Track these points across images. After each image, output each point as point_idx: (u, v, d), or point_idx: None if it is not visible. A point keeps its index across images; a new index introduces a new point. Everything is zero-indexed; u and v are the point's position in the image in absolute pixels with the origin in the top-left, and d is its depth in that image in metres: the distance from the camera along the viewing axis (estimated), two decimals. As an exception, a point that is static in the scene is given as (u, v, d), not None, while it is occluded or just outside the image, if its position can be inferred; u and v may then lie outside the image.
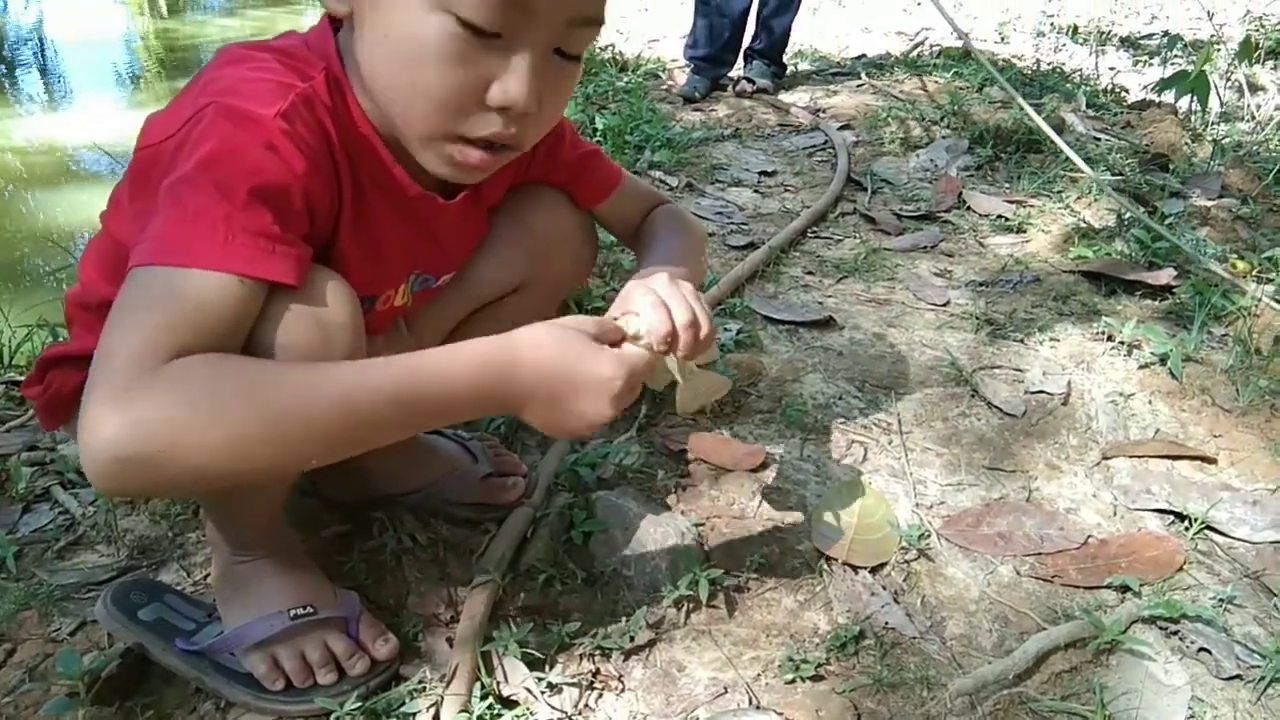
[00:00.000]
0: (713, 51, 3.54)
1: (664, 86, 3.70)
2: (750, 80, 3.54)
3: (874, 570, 1.20)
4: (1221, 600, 1.18)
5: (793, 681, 1.04)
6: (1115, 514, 1.34)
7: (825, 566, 1.20)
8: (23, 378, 1.60)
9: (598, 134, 2.82)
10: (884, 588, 1.17)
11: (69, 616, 1.09)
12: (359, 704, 0.95)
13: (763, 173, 2.78)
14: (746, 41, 3.64)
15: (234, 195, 0.73)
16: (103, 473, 0.67)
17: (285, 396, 0.71)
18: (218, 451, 0.69)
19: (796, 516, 1.28)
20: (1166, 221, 2.31)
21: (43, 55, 5.97)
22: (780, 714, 0.98)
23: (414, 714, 0.95)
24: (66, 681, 0.93)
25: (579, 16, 0.78)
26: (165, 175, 0.75)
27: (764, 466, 1.38)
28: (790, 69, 3.99)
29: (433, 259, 1.03)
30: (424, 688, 0.99)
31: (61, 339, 1.72)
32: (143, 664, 1.00)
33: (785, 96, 3.55)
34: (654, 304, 0.88)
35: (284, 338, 0.78)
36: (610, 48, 3.96)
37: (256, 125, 0.75)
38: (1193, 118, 3.27)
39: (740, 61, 3.65)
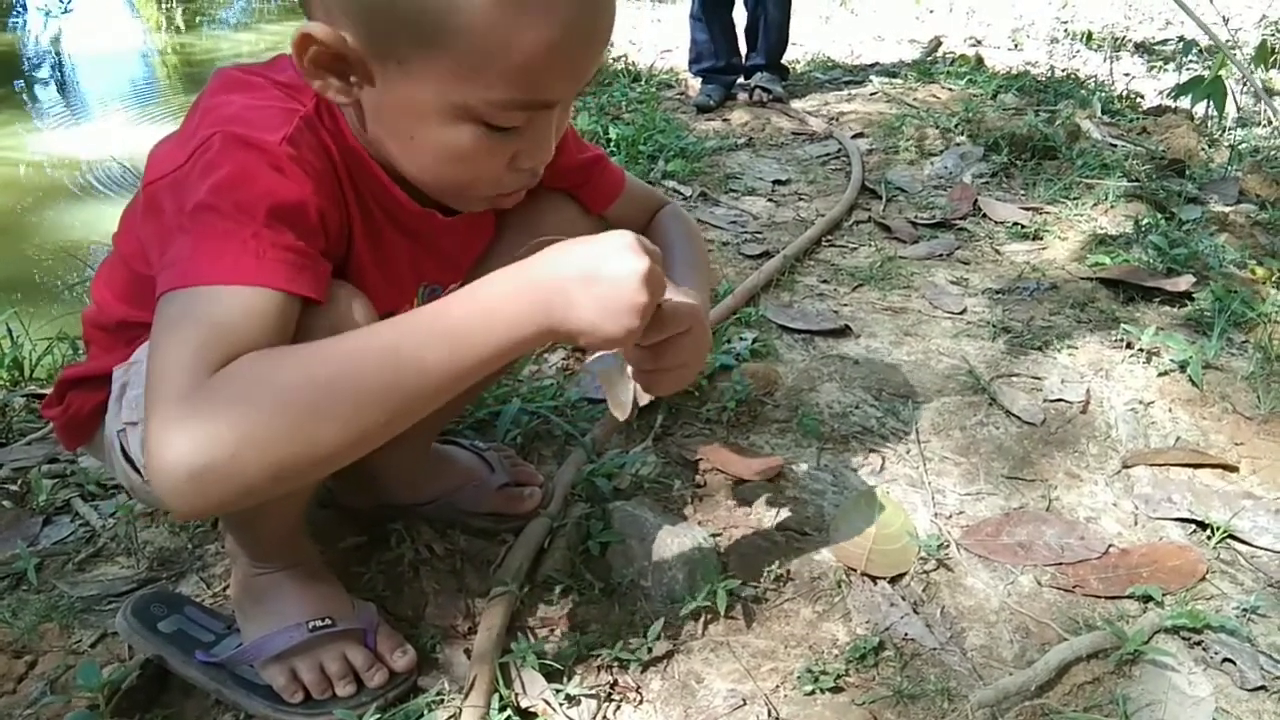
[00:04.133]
0: (717, 63, 3.56)
1: (677, 96, 3.71)
2: (765, 90, 3.54)
3: (893, 581, 1.19)
4: (1245, 610, 1.17)
5: (812, 693, 1.03)
6: (1136, 523, 1.33)
7: (844, 577, 1.19)
8: (43, 391, 1.62)
9: (611, 144, 2.83)
10: (903, 598, 1.17)
11: (90, 628, 1.10)
12: (377, 716, 0.95)
13: (777, 181, 2.78)
14: (744, 53, 3.65)
15: (256, 215, 0.74)
16: (181, 495, 0.67)
17: (334, 364, 0.71)
18: (286, 441, 0.68)
19: (814, 527, 1.28)
20: (1184, 227, 2.30)
21: (61, 70, 6.03)
22: (800, 726, 0.97)
23: (433, 726, 0.95)
24: (87, 693, 0.94)
25: (586, 86, 0.84)
26: (179, 203, 0.76)
27: (781, 476, 1.38)
28: (804, 78, 3.99)
29: (437, 270, 1.03)
30: (442, 699, 0.99)
31: (81, 354, 1.73)
32: (162, 676, 1.00)
33: (798, 105, 3.55)
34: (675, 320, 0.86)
35: None
36: (623, 58, 3.98)
37: (264, 151, 0.76)
38: (1209, 123, 3.25)
39: (742, 78, 3.67)
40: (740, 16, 3.60)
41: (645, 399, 0.93)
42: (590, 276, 0.73)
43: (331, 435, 0.70)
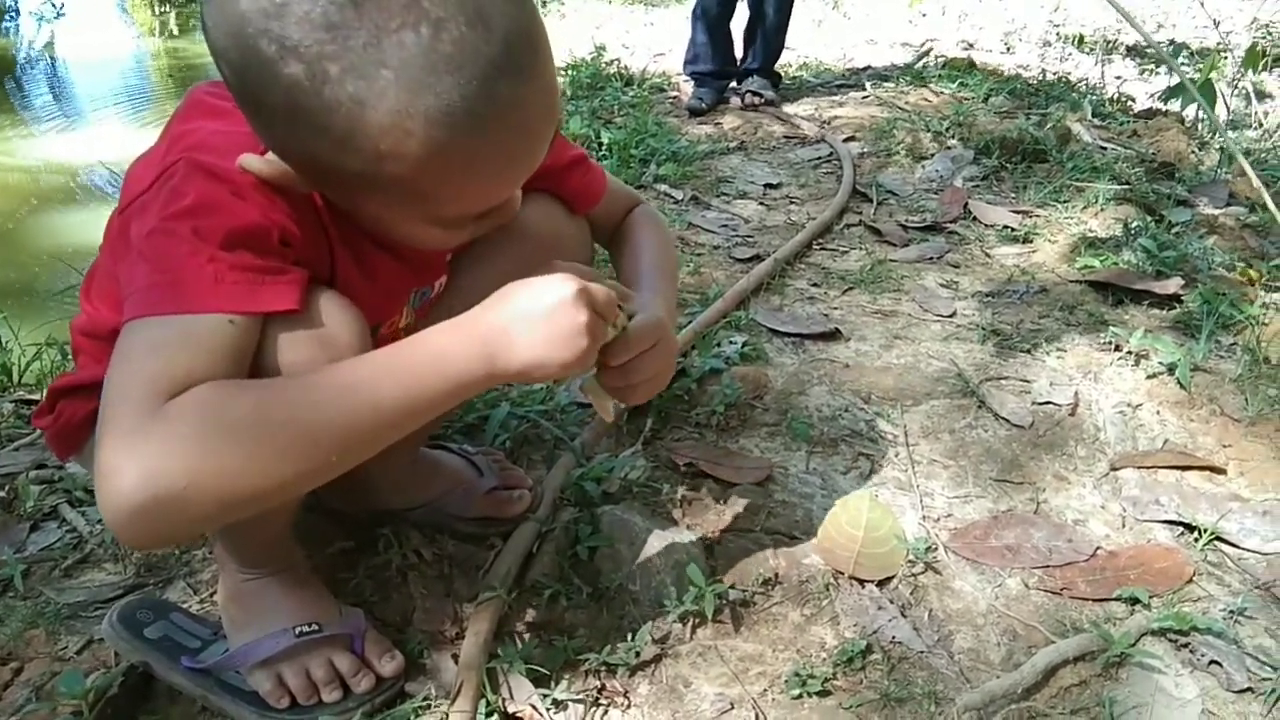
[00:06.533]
0: (716, 66, 3.56)
1: (669, 100, 3.72)
2: (757, 94, 3.55)
3: (881, 584, 1.19)
4: (1232, 612, 1.17)
5: (799, 697, 1.03)
6: (1124, 525, 1.33)
7: (832, 580, 1.19)
8: (32, 397, 1.62)
9: (603, 148, 2.83)
10: (891, 601, 1.17)
11: (76, 635, 1.09)
12: (364, 721, 0.95)
13: (768, 185, 2.78)
14: (740, 56, 3.66)
15: (212, 239, 0.74)
16: (129, 526, 0.67)
17: (289, 401, 0.72)
18: (236, 475, 0.69)
19: (802, 530, 1.28)
20: (1174, 230, 2.30)
21: (53, 74, 6.02)
22: (787, 730, 0.97)
23: (419, 731, 0.95)
24: (71, 701, 0.93)
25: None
26: (140, 229, 0.76)
27: (769, 480, 1.38)
28: (795, 81, 4.00)
29: (425, 274, 1.03)
30: (429, 705, 0.99)
31: (69, 362, 1.73)
32: (147, 682, 1.00)
33: (790, 108, 3.56)
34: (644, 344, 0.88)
35: (290, 360, 0.78)
36: (616, 62, 3.98)
37: (226, 180, 0.77)
38: (1199, 126, 3.26)
39: (735, 82, 3.67)
40: (739, 19, 3.60)
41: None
42: (526, 313, 0.77)
43: (283, 471, 0.71)
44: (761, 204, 2.63)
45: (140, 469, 0.66)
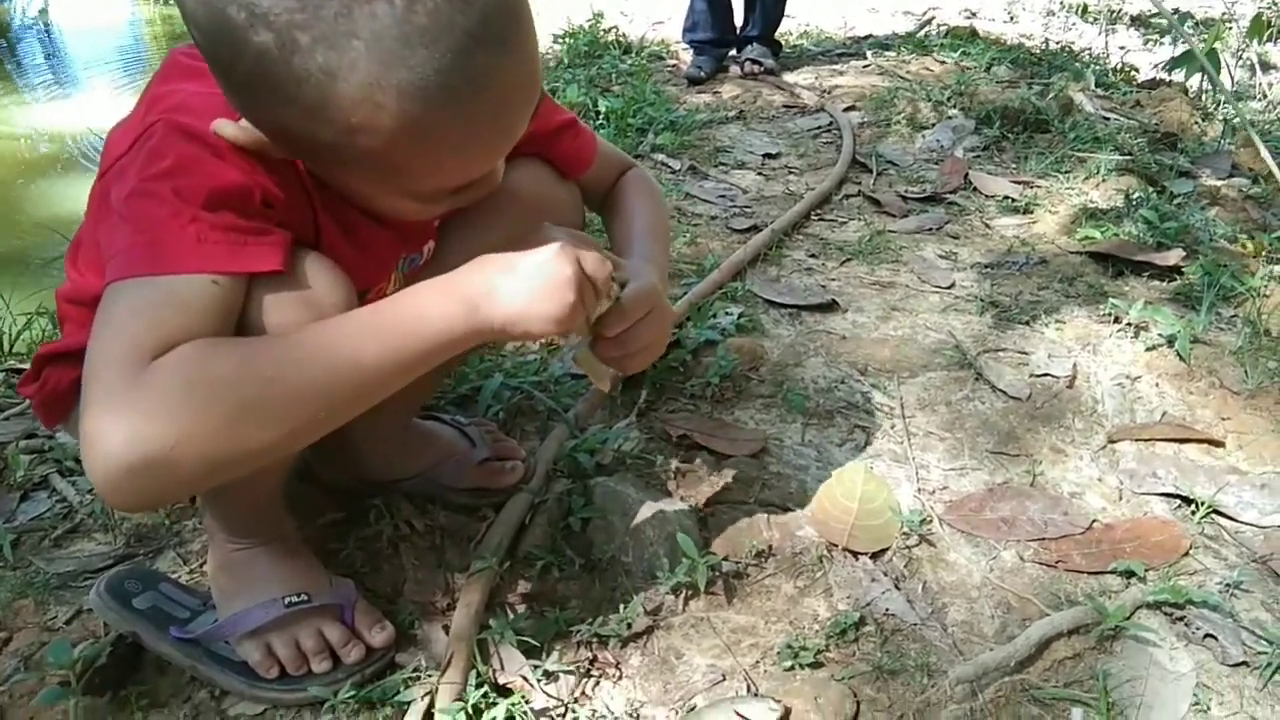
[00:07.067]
0: (711, 34, 3.52)
1: (668, 68, 3.68)
2: (757, 62, 3.50)
3: (875, 556, 1.19)
4: (1228, 585, 1.16)
5: (791, 669, 1.03)
6: (1121, 498, 1.32)
7: (826, 553, 1.18)
8: (22, 366, 1.60)
9: (600, 117, 2.80)
10: (885, 574, 1.16)
11: (65, 605, 1.09)
12: (353, 692, 0.95)
13: (767, 155, 2.75)
14: (739, 24, 3.61)
15: (194, 199, 0.73)
16: (117, 488, 0.66)
17: (272, 361, 0.72)
18: (222, 434, 0.68)
19: (797, 502, 1.27)
20: (1175, 201, 2.28)
21: (48, 41, 5.96)
22: (778, 701, 0.97)
23: (408, 702, 0.94)
24: (58, 671, 0.93)
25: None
26: (120, 191, 0.75)
27: (764, 452, 1.37)
28: (796, 50, 3.96)
29: (414, 241, 1.02)
30: (419, 676, 0.98)
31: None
32: (136, 653, 1.00)
33: (790, 77, 3.52)
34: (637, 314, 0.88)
35: (276, 322, 0.77)
36: (614, 29, 3.93)
37: (205, 141, 0.75)
38: (1203, 97, 3.23)
39: (734, 50, 3.63)
40: None
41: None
42: (509, 267, 0.77)
43: (269, 429, 0.71)
44: (760, 174, 2.61)
45: (126, 430, 0.65)
